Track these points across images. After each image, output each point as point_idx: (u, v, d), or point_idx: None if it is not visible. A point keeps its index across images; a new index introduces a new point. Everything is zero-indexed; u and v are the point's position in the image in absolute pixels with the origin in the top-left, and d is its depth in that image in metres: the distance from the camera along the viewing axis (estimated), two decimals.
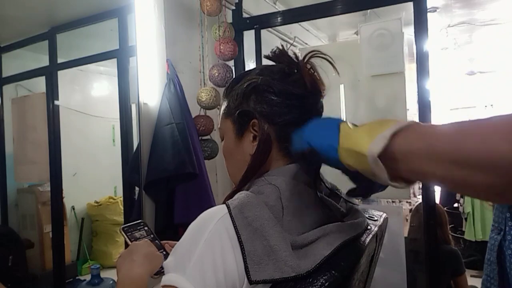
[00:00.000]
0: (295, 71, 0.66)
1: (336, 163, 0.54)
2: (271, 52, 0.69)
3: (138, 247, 0.73)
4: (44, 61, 1.86)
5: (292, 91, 0.65)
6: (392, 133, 0.47)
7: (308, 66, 0.66)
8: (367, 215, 0.74)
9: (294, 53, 0.68)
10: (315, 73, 0.67)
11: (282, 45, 0.69)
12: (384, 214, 0.80)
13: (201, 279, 0.52)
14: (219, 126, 0.74)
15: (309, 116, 0.65)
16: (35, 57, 1.95)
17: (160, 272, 0.69)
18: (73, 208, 2.18)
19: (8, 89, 1.91)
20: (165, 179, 1.51)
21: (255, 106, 0.65)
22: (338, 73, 0.68)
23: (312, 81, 0.65)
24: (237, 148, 0.69)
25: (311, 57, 0.66)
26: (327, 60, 0.67)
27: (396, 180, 0.49)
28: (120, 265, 0.70)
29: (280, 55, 0.68)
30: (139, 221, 0.83)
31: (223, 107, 0.72)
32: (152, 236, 0.82)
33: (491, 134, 0.40)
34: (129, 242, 0.77)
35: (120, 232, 0.79)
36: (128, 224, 0.82)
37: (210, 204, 1.59)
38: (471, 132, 0.42)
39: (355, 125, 0.54)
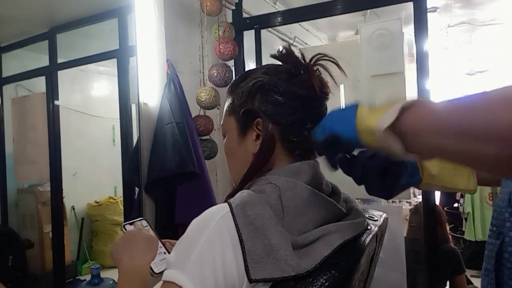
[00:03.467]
0: (301, 72, 0.66)
1: (357, 144, 0.55)
2: (277, 51, 0.69)
3: (135, 234, 0.74)
4: (44, 61, 1.86)
5: (298, 92, 0.65)
6: (400, 108, 0.47)
7: (315, 68, 0.67)
8: (367, 215, 0.74)
9: (302, 54, 0.68)
10: (321, 76, 0.67)
11: (288, 45, 0.70)
12: (384, 214, 0.80)
13: (200, 277, 0.52)
14: (221, 123, 0.74)
15: (313, 118, 0.65)
16: (35, 57, 1.96)
17: (162, 271, 0.69)
18: (73, 208, 2.19)
19: (8, 89, 1.92)
20: (166, 179, 1.51)
21: (260, 105, 0.65)
22: (346, 74, 0.68)
23: (320, 84, 0.65)
24: (239, 146, 0.68)
25: (318, 59, 0.66)
26: (335, 64, 0.68)
27: (410, 154, 0.49)
28: (119, 254, 0.70)
29: (287, 55, 0.68)
30: (140, 218, 0.84)
31: (227, 104, 0.72)
32: (153, 233, 0.82)
33: (496, 104, 0.39)
34: None
35: (122, 229, 0.80)
36: (130, 221, 0.82)
37: (211, 203, 1.59)
38: (477, 103, 0.42)
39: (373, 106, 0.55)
